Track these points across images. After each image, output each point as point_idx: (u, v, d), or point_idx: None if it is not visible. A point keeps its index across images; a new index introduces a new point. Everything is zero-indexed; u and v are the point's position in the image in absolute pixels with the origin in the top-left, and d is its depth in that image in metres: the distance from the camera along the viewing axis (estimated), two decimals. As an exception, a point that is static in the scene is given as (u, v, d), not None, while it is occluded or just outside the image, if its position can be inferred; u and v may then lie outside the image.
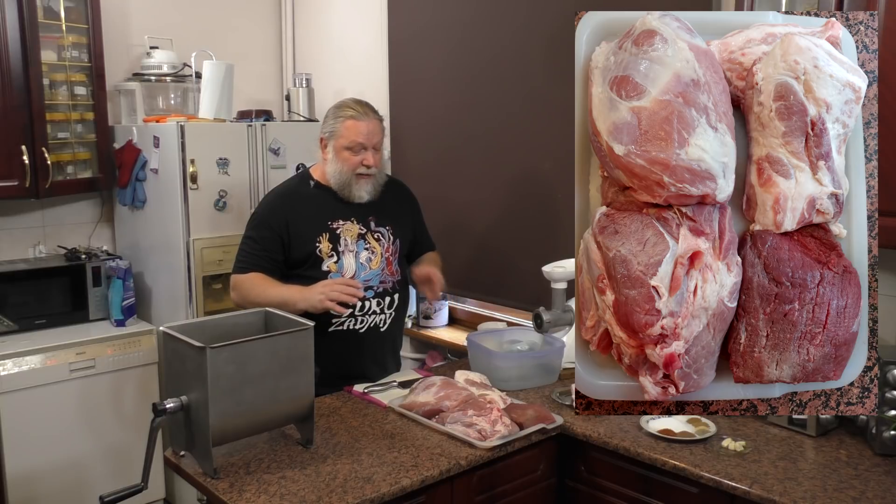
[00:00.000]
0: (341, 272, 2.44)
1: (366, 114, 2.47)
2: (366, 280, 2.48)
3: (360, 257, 2.48)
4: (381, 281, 2.51)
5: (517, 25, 3.15)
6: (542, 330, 2.55)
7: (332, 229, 2.46)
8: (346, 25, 3.97)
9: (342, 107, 2.49)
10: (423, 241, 2.73)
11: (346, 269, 2.45)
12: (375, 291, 2.49)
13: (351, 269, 2.46)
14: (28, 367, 3.07)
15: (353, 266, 2.46)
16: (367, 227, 2.51)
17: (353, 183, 2.46)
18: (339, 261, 2.44)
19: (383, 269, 2.52)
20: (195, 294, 3.25)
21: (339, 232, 2.46)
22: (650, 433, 2.08)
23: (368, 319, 2.49)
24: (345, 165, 2.45)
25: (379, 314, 2.51)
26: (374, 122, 2.47)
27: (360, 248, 2.49)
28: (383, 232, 2.54)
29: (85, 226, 3.69)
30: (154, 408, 1.85)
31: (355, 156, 2.44)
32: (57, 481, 3.16)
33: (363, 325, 2.48)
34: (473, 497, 2.02)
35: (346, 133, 2.44)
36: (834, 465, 1.91)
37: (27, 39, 3.14)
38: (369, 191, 2.49)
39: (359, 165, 2.45)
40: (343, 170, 2.45)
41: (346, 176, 2.45)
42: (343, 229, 2.47)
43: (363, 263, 2.48)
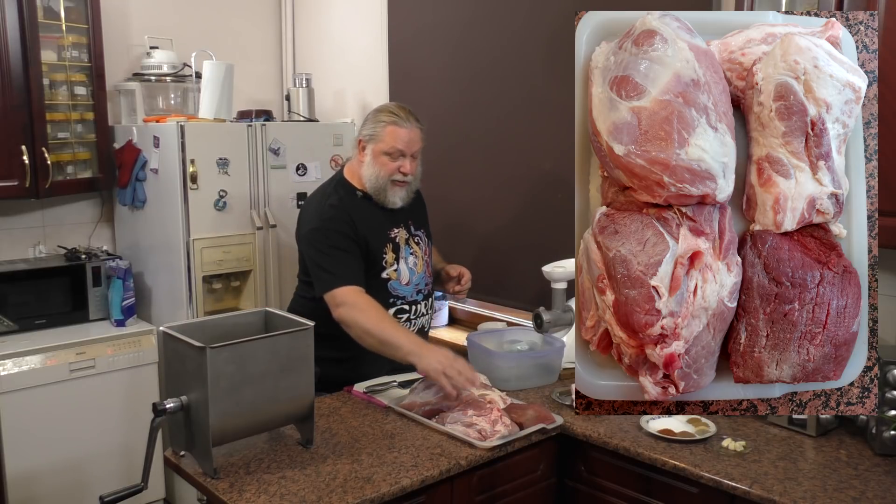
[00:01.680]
0: (399, 278, 2.47)
1: (408, 120, 2.42)
2: (416, 285, 2.52)
3: (409, 262, 2.51)
4: (426, 283, 2.57)
5: (517, 25, 3.15)
6: (542, 330, 2.55)
7: (392, 238, 2.48)
8: (346, 25, 3.97)
9: (384, 111, 2.45)
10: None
11: (403, 275, 2.48)
12: (423, 294, 2.55)
13: (406, 275, 2.49)
14: (28, 367, 3.06)
15: (406, 272, 2.49)
16: (409, 232, 2.55)
17: (387, 189, 2.43)
18: (398, 269, 2.47)
19: (425, 271, 2.57)
20: (195, 294, 3.25)
21: (398, 241, 2.49)
22: (650, 433, 2.08)
23: (419, 322, 2.55)
24: (382, 170, 2.42)
25: (426, 315, 2.57)
26: (415, 129, 2.43)
27: (408, 253, 2.51)
28: (420, 236, 2.59)
29: (85, 226, 3.69)
30: (154, 408, 1.85)
31: (393, 162, 2.41)
32: (57, 481, 3.16)
33: (415, 327, 2.52)
34: (473, 497, 2.02)
35: (386, 138, 2.40)
36: (834, 465, 1.91)
37: (27, 39, 3.14)
38: (403, 197, 2.48)
39: (396, 172, 2.42)
40: (380, 174, 2.42)
41: (383, 181, 2.42)
42: (399, 237, 2.50)
43: (412, 268, 2.51)
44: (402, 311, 2.48)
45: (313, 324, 1.97)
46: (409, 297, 2.50)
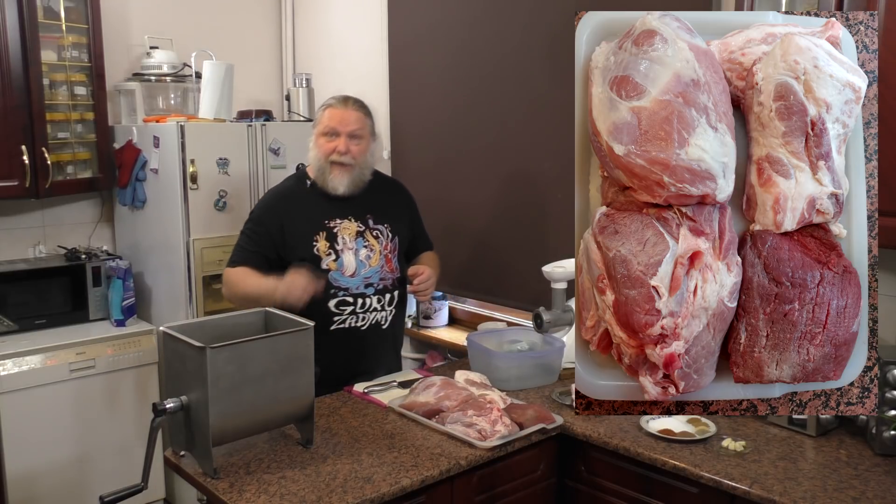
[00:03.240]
0: (341, 269, 2.45)
1: (344, 103, 2.50)
2: (366, 277, 2.48)
3: (360, 255, 2.48)
4: (381, 278, 2.52)
5: (517, 25, 3.14)
6: (542, 330, 2.55)
7: (328, 228, 2.47)
8: (346, 25, 3.97)
9: (328, 99, 2.55)
10: (420, 240, 2.73)
11: (346, 266, 2.45)
12: (375, 288, 2.50)
13: (351, 266, 2.46)
14: (28, 367, 3.07)
15: (353, 263, 2.46)
16: (365, 224, 2.52)
17: (327, 171, 2.47)
18: (339, 259, 2.45)
19: (382, 266, 2.52)
20: (195, 294, 3.25)
21: (336, 231, 2.47)
22: (650, 433, 2.08)
23: (370, 317, 2.50)
24: (320, 152, 2.47)
25: (380, 311, 2.52)
26: (351, 111, 2.48)
27: (360, 245, 2.49)
28: (381, 230, 2.55)
29: (85, 226, 3.69)
30: (154, 408, 1.85)
31: (329, 142, 2.46)
32: (57, 481, 3.16)
33: (364, 322, 2.49)
34: (473, 497, 2.02)
35: (322, 120, 2.49)
36: (834, 465, 1.91)
37: (27, 39, 3.14)
38: (345, 183, 2.47)
39: (332, 152, 2.45)
40: (318, 156, 2.48)
41: (322, 163, 2.47)
42: (340, 228, 2.48)
43: (362, 261, 2.48)
44: (344, 302, 2.45)
45: (313, 324, 1.97)
46: (354, 288, 2.46)
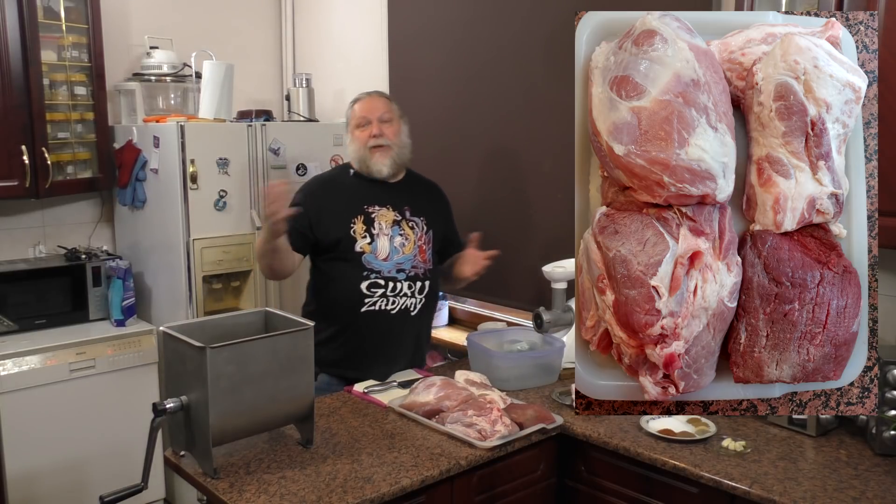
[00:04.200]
0: (375, 253, 2.52)
1: (369, 94, 2.66)
2: (398, 263, 2.54)
3: (395, 241, 2.55)
4: (413, 266, 2.57)
5: (517, 25, 3.14)
6: (542, 330, 2.55)
7: (367, 212, 2.55)
8: (346, 25, 3.97)
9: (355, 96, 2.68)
10: (455, 241, 2.78)
11: (380, 250, 2.53)
12: (407, 275, 2.56)
13: (385, 250, 2.53)
14: (28, 367, 3.06)
15: (386, 248, 2.53)
16: (402, 215, 2.60)
17: (368, 158, 2.57)
18: (374, 242, 2.52)
19: (416, 255, 2.58)
20: (195, 294, 3.25)
21: (374, 216, 2.55)
22: (650, 433, 2.08)
23: (400, 301, 2.54)
24: (358, 143, 2.59)
25: (410, 297, 2.56)
26: (375, 98, 2.64)
27: (395, 233, 2.56)
28: (417, 222, 2.62)
29: (85, 226, 3.69)
30: (154, 408, 1.85)
31: (364, 131, 2.58)
32: (57, 481, 3.16)
33: (395, 306, 2.53)
34: (473, 497, 2.02)
35: (354, 115, 2.63)
36: (834, 465, 1.91)
37: (27, 39, 3.14)
38: (387, 164, 2.58)
39: (369, 139, 2.56)
40: (357, 147, 2.59)
41: (362, 152, 2.58)
42: (378, 214, 2.56)
43: (396, 247, 2.55)
44: (375, 284, 2.51)
45: (313, 324, 1.97)
46: (386, 272, 2.52)
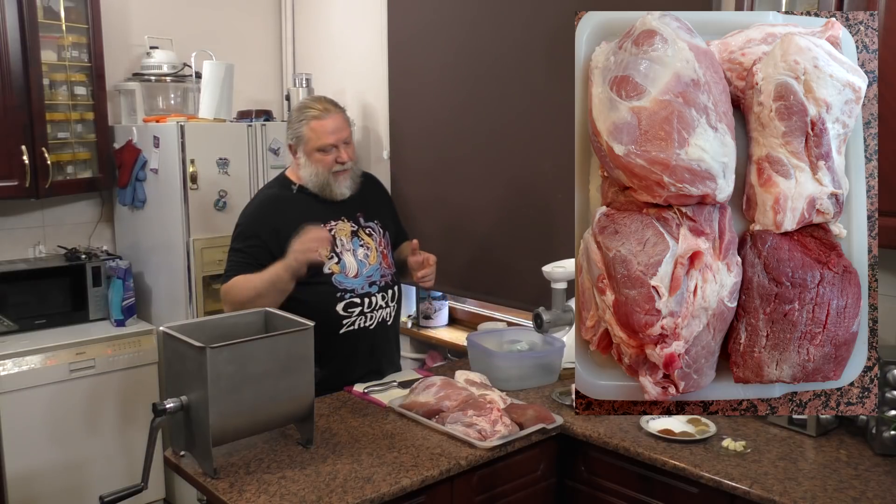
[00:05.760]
0: (344, 271, 2.43)
1: (327, 110, 2.42)
2: (368, 276, 2.48)
3: (358, 254, 2.47)
4: (382, 275, 2.52)
5: (517, 25, 3.14)
6: (542, 330, 2.55)
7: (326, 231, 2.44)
8: (346, 25, 3.97)
9: (303, 108, 2.45)
10: (401, 231, 2.74)
11: (349, 267, 2.44)
12: (379, 286, 2.50)
13: (353, 267, 2.45)
14: (28, 367, 3.07)
15: (354, 264, 2.45)
16: (357, 223, 2.51)
17: (331, 182, 2.44)
18: (341, 261, 2.44)
19: (380, 262, 2.52)
20: (195, 294, 3.25)
21: (334, 233, 2.44)
22: (650, 433, 2.08)
23: (377, 315, 2.49)
24: (320, 167, 2.42)
25: (385, 308, 2.52)
26: (337, 117, 2.43)
27: (356, 245, 2.48)
28: (373, 226, 2.55)
29: (85, 226, 3.69)
30: (154, 408, 1.85)
31: (328, 155, 2.41)
32: (57, 481, 3.16)
33: (373, 321, 2.48)
34: (473, 497, 2.02)
35: (312, 135, 2.40)
36: (834, 465, 1.91)
37: (27, 39, 3.14)
38: (349, 186, 2.48)
39: (334, 164, 2.42)
40: (319, 171, 2.42)
41: (324, 177, 2.43)
42: (336, 230, 2.46)
43: (362, 260, 2.48)
44: (352, 304, 2.42)
45: (313, 324, 1.97)
46: (360, 289, 2.45)
